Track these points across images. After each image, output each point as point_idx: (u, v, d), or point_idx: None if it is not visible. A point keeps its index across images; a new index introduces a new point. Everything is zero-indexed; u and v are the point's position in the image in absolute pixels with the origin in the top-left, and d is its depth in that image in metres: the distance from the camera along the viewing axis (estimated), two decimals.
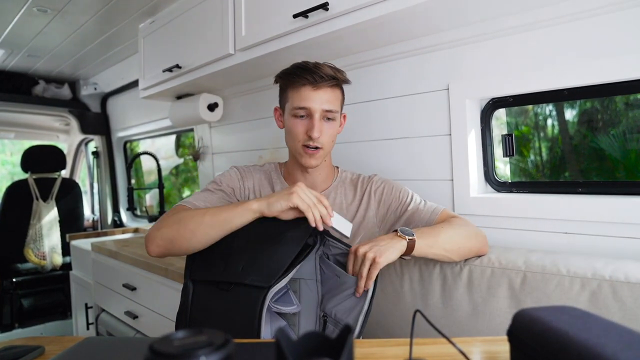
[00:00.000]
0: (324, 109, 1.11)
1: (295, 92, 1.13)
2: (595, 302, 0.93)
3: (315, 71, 1.10)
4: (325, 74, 1.10)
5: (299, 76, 1.11)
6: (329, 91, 1.12)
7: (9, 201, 3.25)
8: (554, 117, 2.08)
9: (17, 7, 2.12)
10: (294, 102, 1.12)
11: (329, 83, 1.11)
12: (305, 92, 1.11)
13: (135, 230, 3.03)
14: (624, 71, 1.05)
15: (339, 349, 0.43)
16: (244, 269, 0.96)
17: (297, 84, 1.12)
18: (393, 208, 1.20)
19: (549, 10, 1.15)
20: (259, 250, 0.98)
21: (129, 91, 3.24)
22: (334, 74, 1.12)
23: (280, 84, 1.20)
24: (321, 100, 1.11)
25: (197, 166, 2.62)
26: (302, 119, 1.13)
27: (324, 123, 1.13)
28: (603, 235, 1.11)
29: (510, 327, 0.54)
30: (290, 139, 1.18)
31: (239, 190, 1.20)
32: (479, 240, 1.13)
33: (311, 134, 1.11)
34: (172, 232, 1.01)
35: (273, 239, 1.00)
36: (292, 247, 0.98)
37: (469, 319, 1.08)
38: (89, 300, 2.47)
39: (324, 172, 1.23)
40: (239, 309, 0.93)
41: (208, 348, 0.38)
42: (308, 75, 1.10)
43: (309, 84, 1.10)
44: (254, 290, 0.93)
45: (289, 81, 1.14)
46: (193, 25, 1.90)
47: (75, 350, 0.74)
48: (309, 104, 1.11)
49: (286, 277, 0.95)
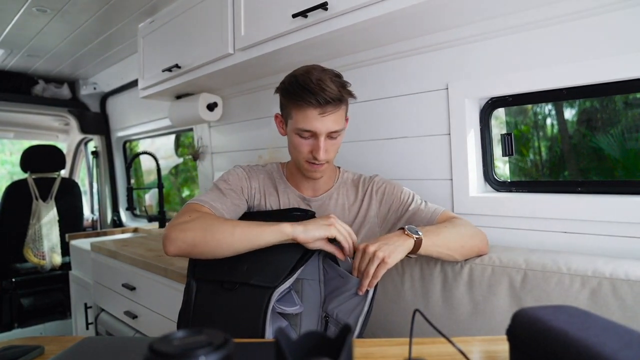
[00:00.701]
0: (330, 131, 1.08)
1: (299, 113, 1.06)
2: (595, 299, 0.93)
3: (320, 93, 1.02)
4: (330, 97, 1.03)
5: (303, 99, 1.04)
6: (335, 111, 1.06)
7: (9, 201, 3.25)
8: (553, 117, 2.08)
9: (16, 7, 2.11)
10: (299, 124, 1.07)
11: (334, 106, 1.05)
12: (311, 115, 1.05)
13: (134, 230, 3.03)
14: (624, 70, 1.05)
15: (338, 349, 0.43)
16: (249, 269, 0.97)
17: (301, 106, 1.05)
18: (394, 208, 1.19)
19: (548, 10, 1.15)
20: (264, 251, 0.98)
21: (128, 91, 3.24)
22: (339, 92, 1.05)
23: (281, 98, 1.14)
24: (327, 124, 1.06)
25: (197, 166, 2.62)
26: (307, 139, 1.09)
27: (329, 141, 1.10)
28: (602, 234, 1.11)
29: (510, 327, 0.54)
30: (294, 152, 1.15)
31: (247, 190, 1.19)
32: (480, 240, 1.14)
33: (316, 155, 1.08)
34: (197, 238, 0.97)
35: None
36: (297, 248, 0.99)
37: (469, 318, 1.08)
38: (88, 300, 2.46)
39: (327, 173, 1.22)
40: (244, 309, 0.93)
41: (207, 348, 0.38)
42: (312, 99, 1.03)
43: (313, 107, 1.04)
44: (259, 291, 0.93)
45: (291, 100, 1.08)
46: (192, 25, 1.90)
47: (74, 350, 0.74)
48: (314, 128, 1.06)
49: (291, 278, 0.96)
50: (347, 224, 1.17)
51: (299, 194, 1.22)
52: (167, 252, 1.00)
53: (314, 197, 1.22)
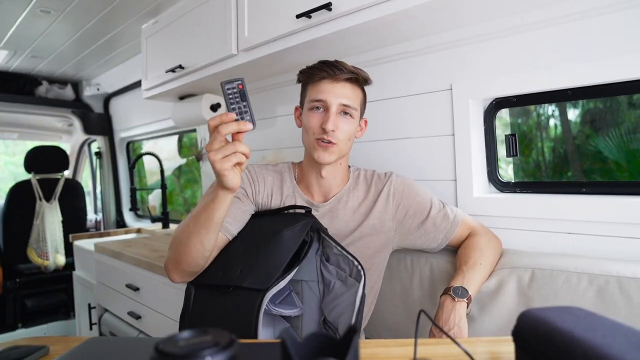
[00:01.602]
0: (341, 103, 1.09)
1: (313, 86, 1.12)
2: (602, 297, 0.93)
3: (336, 65, 1.09)
4: (344, 67, 1.10)
5: (318, 69, 1.10)
6: (348, 86, 1.11)
7: (13, 201, 3.26)
8: (557, 117, 2.07)
9: (20, 8, 2.12)
10: (312, 95, 1.11)
11: (348, 76, 1.10)
12: (324, 85, 1.10)
13: (138, 231, 3.03)
14: (629, 71, 1.05)
15: (344, 350, 0.43)
16: (242, 272, 0.97)
17: (316, 77, 1.11)
18: (411, 213, 1.18)
19: (553, 10, 1.14)
20: (256, 253, 0.98)
21: (131, 92, 3.25)
22: (354, 70, 1.11)
23: (302, 80, 1.18)
24: (339, 93, 1.09)
25: (200, 167, 2.63)
26: (319, 111, 1.11)
27: (340, 117, 1.10)
28: (607, 235, 1.11)
29: (515, 328, 0.54)
30: (305, 134, 1.15)
31: (251, 193, 1.16)
32: (499, 251, 1.18)
33: (325, 127, 1.08)
34: (174, 256, 0.99)
35: (270, 239, 0.99)
36: (290, 246, 0.98)
37: (477, 317, 1.08)
38: (92, 300, 2.47)
39: (339, 175, 1.20)
40: (237, 312, 0.93)
41: (213, 348, 0.38)
42: (327, 69, 1.09)
43: (328, 76, 1.09)
44: (252, 293, 0.93)
45: (308, 76, 1.13)
46: (196, 26, 1.90)
47: (80, 350, 0.74)
48: (325, 97, 1.09)
49: (284, 279, 0.96)
50: (355, 225, 1.17)
51: (307, 199, 1.18)
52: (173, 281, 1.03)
53: (322, 203, 1.18)
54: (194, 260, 0.97)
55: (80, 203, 3.57)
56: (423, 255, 1.27)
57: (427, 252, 1.26)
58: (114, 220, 3.75)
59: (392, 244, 1.20)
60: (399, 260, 1.31)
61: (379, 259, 1.18)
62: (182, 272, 1.00)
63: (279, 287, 0.95)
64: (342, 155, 1.15)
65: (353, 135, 1.15)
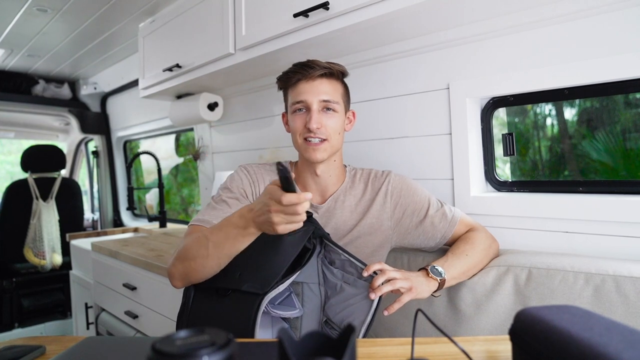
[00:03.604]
0: (321, 100, 1.11)
1: (292, 90, 1.14)
2: (598, 296, 0.93)
3: (308, 64, 1.12)
4: (317, 64, 1.11)
5: (293, 72, 1.13)
6: (325, 82, 1.12)
7: (9, 201, 3.25)
8: (554, 117, 2.07)
9: (17, 6, 2.11)
10: (292, 98, 1.14)
11: (322, 72, 1.11)
12: (301, 86, 1.12)
13: (135, 230, 3.03)
14: (625, 70, 1.05)
15: (341, 349, 0.43)
16: (242, 276, 0.96)
17: (292, 80, 1.13)
18: (409, 212, 1.18)
19: (550, 9, 1.14)
20: (257, 257, 0.97)
21: (128, 91, 3.24)
22: (328, 64, 1.13)
23: (281, 86, 1.20)
24: (317, 91, 1.11)
25: (197, 166, 2.62)
26: (301, 112, 1.13)
27: (323, 115, 1.12)
28: (604, 234, 1.11)
29: (512, 326, 0.54)
30: (293, 137, 1.16)
31: (251, 194, 1.17)
32: (494, 251, 1.17)
33: (309, 126, 1.10)
34: (184, 269, 0.99)
35: (271, 243, 0.99)
36: (290, 252, 0.98)
37: (473, 316, 1.08)
38: (88, 299, 2.46)
39: (335, 173, 1.20)
40: (235, 315, 0.93)
41: (210, 348, 0.38)
42: (301, 70, 1.11)
43: (303, 77, 1.12)
44: (250, 297, 0.93)
45: (285, 81, 1.16)
46: (193, 25, 1.90)
47: (76, 350, 0.74)
48: (304, 97, 1.11)
49: (283, 284, 0.95)
50: (352, 224, 1.17)
51: None
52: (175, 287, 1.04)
53: (320, 204, 1.19)
54: (205, 276, 0.98)
55: (77, 202, 3.55)
56: (420, 254, 1.27)
57: (425, 251, 1.26)
58: (111, 219, 3.74)
59: (390, 242, 1.20)
60: (396, 259, 1.31)
61: (377, 258, 1.18)
62: (188, 282, 1.01)
63: (279, 291, 0.95)
64: (335, 151, 1.16)
65: (342, 129, 1.16)
